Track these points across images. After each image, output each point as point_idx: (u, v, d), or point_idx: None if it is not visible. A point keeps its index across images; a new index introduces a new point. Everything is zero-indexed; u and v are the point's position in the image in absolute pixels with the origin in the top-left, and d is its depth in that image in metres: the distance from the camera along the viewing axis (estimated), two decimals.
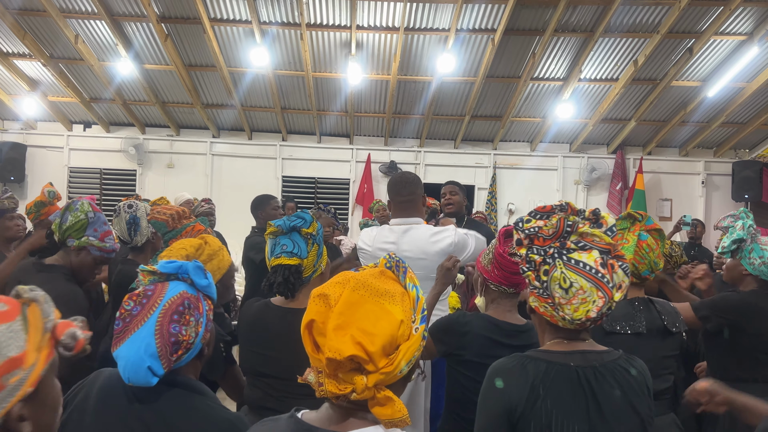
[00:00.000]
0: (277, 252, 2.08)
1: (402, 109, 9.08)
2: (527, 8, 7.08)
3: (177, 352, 1.40)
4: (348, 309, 1.02)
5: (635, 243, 2.25)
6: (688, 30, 7.36)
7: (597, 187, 9.83)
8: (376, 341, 0.98)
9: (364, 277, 1.07)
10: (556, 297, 1.45)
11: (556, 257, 1.46)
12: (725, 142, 9.63)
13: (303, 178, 9.70)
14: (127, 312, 1.42)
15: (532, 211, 1.57)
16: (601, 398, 1.45)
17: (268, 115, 9.32)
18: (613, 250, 1.48)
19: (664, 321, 2.23)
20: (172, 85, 8.61)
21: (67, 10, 7.27)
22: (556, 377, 1.46)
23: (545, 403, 1.44)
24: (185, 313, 1.43)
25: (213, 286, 1.55)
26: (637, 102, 8.71)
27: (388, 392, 1.00)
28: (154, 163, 9.59)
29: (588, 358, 1.50)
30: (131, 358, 1.36)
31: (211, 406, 1.46)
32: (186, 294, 1.46)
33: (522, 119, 9.24)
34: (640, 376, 1.52)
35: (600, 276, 1.43)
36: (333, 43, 7.77)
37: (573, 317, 1.44)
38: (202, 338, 1.47)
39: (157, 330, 1.38)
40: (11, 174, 9.01)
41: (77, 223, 2.61)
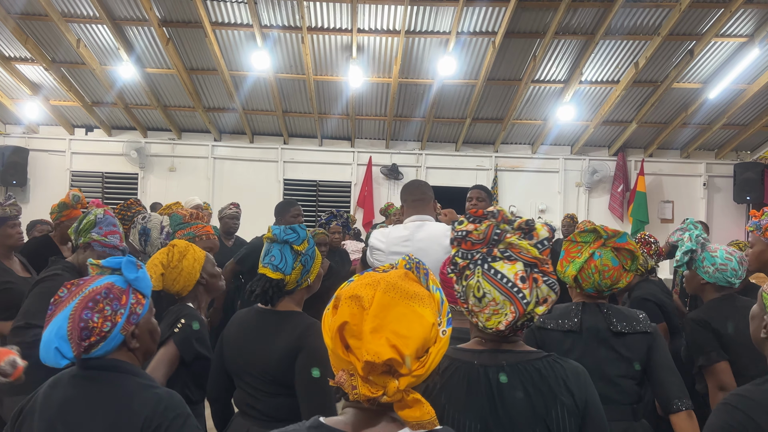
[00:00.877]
0: (265, 261, 2.12)
1: (403, 112, 9.09)
2: (528, 11, 7.09)
3: (88, 338, 1.45)
4: (382, 311, 1.01)
5: (585, 260, 2.22)
6: (689, 32, 7.37)
7: (598, 189, 9.83)
8: (410, 344, 0.98)
9: (392, 279, 1.06)
10: (470, 304, 1.47)
11: (478, 264, 1.46)
12: (727, 143, 9.63)
13: (304, 181, 9.71)
14: (59, 298, 1.51)
15: (467, 213, 1.57)
16: (500, 398, 1.43)
17: (270, 119, 9.34)
18: (540, 264, 1.46)
19: (609, 322, 2.19)
20: (173, 88, 8.63)
21: (69, 15, 7.30)
22: (455, 373, 1.47)
23: (439, 397, 1.44)
24: (101, 301, 1.48)
25: (144, 279, 1.59)
26: (638, 104, 8.72)
27: (416, 394, 1.00)
28: (155, 167, 9.60)
29: (497, 358, 1.48)
30: (45, 338, 1.46)
31: (141, 383, 1.52)
32: (110, 284, 1.52)
33: (523, 122, 9.25)
34: (559, 381, 1.45)
35: (515, 291, 1.42)
36: (334, 46, 7.79)
37: (485, 325, 1.45)
38: (122, 329, 1.50)
39: (71, 315, 1.45)
40: (13, 178, 9.03)
41: (87, 223, 2.87)
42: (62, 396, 1.49)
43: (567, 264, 2.27)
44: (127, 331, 1.52)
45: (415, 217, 2.96)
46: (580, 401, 1.45)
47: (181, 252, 2.39)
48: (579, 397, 1.45)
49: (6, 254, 3.44)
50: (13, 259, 3.48)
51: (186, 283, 2.36)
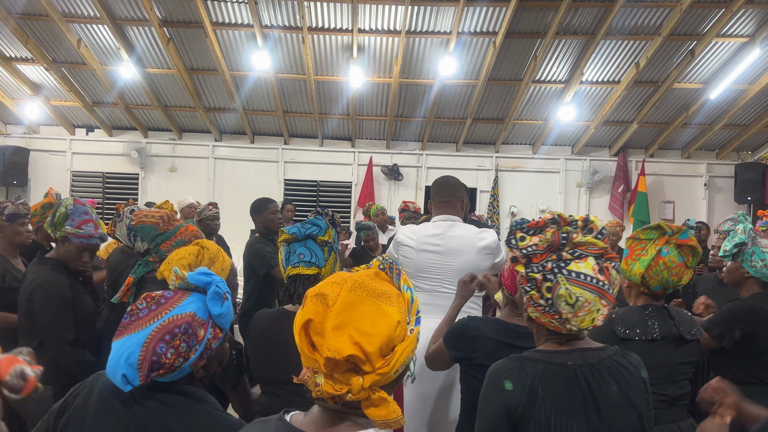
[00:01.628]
0: (294, 261, 2.08)
1: (404, 112, 9.09)
2: (529, 11, 7.09)
3: (157, 371, 1.37)
4: (346, 309, 1.01)
5: (652, 257, 2.22)
6: (690, 32, 7.35)
7: (599, 190, 9.82)
8: (373, 342, 0.98)
9: (360, 278, 1.07)
10: (563, 313, 1.47)
11: (556, 272, 1.47)
12: (728, 144, 9.62)
13: (305, 182, 9.71)
14: (137, 310, 1.43)
15: (523, 226, 1.57)
16: (599, 395, 1.46)
17: (270, 119, 9.34)
18: (606, 252, 1.50)
19: (678, 328, 2.23)
20: (174, 88, 8.63)
21: (70, 15, 7.30)
22: (555, 377, 1.48)
23: (544, 403, 1.45)
24: (178, 336, 1.38)
25: (228, 316, 1.49)
26: (639, 104, 8.71)
27: (382, 393, 0.99)
28: (156, 167, 9.60)
29: (585, 356, 1.51)
30: (114, 359, 1.37)
31: (211, 412, 1.45)
32: (192, 317, 1.42)
33: (524, 122, 9.24)
34: (636, 370, 1.54)
35: (601, 284, 1.46)
36: (335, 46, 7.79)
37: (580, 327, 1.47)
38: (193, 365, 1.42)
39: (145, 343, 1.37)
40: (14, 178, 9.03)
41: (59, 216, 2.82)
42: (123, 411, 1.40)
43: (633, 262, 2.27)
44: (197, 366, 1.45)
45: (444, 216, 2.97)
46: (648, 388, 1.56)
47: (211, 258, 2.22)
48: (647, 385, 1.56)
49: (13, 252, 3.45)
50: (17, 258, 3.49)
51: None
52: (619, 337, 2.22)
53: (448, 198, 2.99)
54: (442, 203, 3.00)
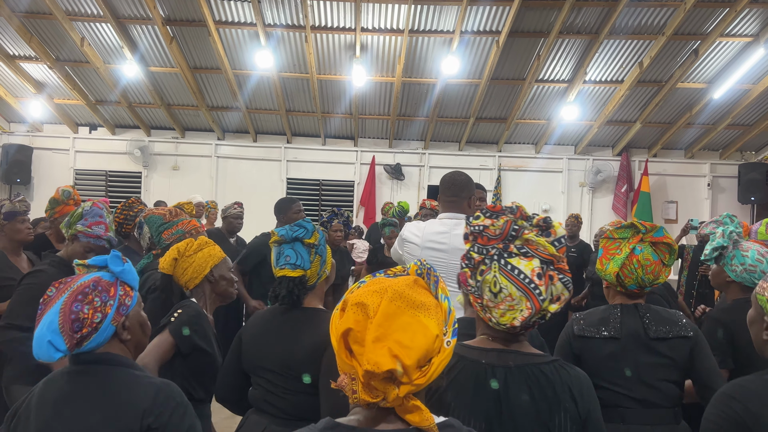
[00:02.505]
0: (281, 263, 2.12)
1: (406, 111, 9.08)
2: (532, 10, 7.08)
3: (80, 330, 1.46)
4: (386, 321, 1.01)
5: (626, 256, 2.19)
6: (694, 32, 7.34)
7: (602, 190, 9.81)
8: (412, 355, 0.99)
9: (400, 287, 1.06)
10: (485, 299, 1.45)
11: (494, 259, 1.46)
12: (731, 144, 9.59)
13: (308, 181, 9.71)
14: (48, 297, 1.52)
15: (483, 208, 1.57)
16: (504, 400, 1.42)
17: (273, 118, 9.34)
18: (557, 261, 1.46)
19: (645, 327, 2.17)
20: (177, 87, 8.63)
21: (73, 13, 7.31)
22: (463, 371, 1.46)
23: (446, 394, 1.44)
24: (90, 293, 1.49)
25: (129, 272, 1.61)
26: (642, 104, 8.69)
27: (416, 401, 1.01)
28: (159, 166, 9.62)
29: (504, 358, 1.47)
30: (37, 334, 1.46)
31: (135, 374, 1.54)
32: (97, 278, 1.54)
33: (527, 121, 9.23)
34: (564, 386, 1.44)
35: (532, 287, 1.42)
36: (337, 45, 7.78)
37: (499, 321, 1.44)
38: (113, 320, 1.52)
39: (61, 309, 1.47)
40: (17, 176, 9.06)
41: (75, 216, 2.92)
42: (57, 392, 1.49)
43: (607, 261, 2.25)
44: (117, 322, 1.54)
45: (450, 214, 2.95)
46: (583, 410, 1.45)
47: (199, 245, 2.42)
48: (582, 405, 1.45)
49: (15, 250, 3.46)
50: (21, 256, 3.50)
51: (194, 275, 2.36)
52: (575, 334, 2.21)
53: (453, 198, 2.98)
54: (448, 203, 2.99)
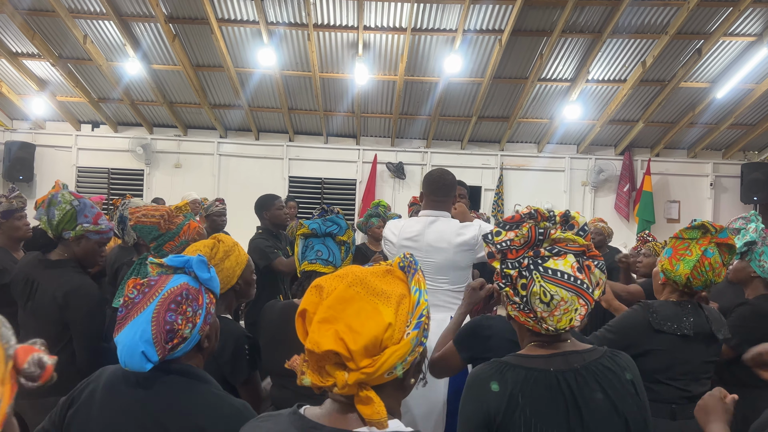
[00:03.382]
0: (311, 257, 2.10)
1: (409, 110, 9.08)
2: (535, 9, 7.06)
3: (172, 341, 1.42)
4: (339, 304, 1.01)
5: (698, 258, 2.19)
6: (697, 31, 7.32)
7: (604, 189, 9.79)
8: (358, 340, 0.97)
9: (364, 274, 1.06)
10: (538, 311, 1.41)
11: (532, 269, 1.42)
12: (734, 143, 9.57)
13: (310, 179, 9.71)
14: (130, 300, 1.46)
15: (500, 221, 1.54)
16: (582, 403, 1.41)
17: (275, 116, 9.34)
18: (587, 250, 1.45)
19: (711, 326, 2.23)
20: (179, 85, 8.64)
21: (76, 11, 7.31)
22: (536, 384, 1.42)
23: (524, 411, 1.40)
24: (183, 303, 1.45)
25: (215, 279, 1.57)
26: (645, 103, 8.67)
27: (370, 392, 0.99)
28: (161, 163, 9.62)
29: (569, 361, 1.46)
30: (127, 342, 1.40)
31: (216, 393, 1.48)
32: (186, 285, 1.48)
33: (529, 120, 9.22)
34: (622, 372, 1.47)
35: (579, 283, 1.40)
36: (340, 43, 7.78)
37: (557, 327, 1.42)
38: (200, 330, 1.48)
39: (153, 317, 1.41)
40: (20, 173, 9.07)
41: (66, 214, 2.65)
42: (128, 397, 1.43)
43: (677, 262, 2.25)
44: (204, 332, 1.51)
45: (429, 212, 2.96)
46: (639, 390, 1.48)
47: (226, 251, 2.20)
48: (640, 389, 1.48)
49: (14, 246, 3.45)
50: (19, 252, 3.49)
51: (221, 285, 2.12)
52: (653, 328, 2.21)
53: (444, 198, 2.97)
54: (436, 202, 2.97)
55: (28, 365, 0.83)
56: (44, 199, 2.76)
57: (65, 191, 2.70)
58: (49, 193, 2.80)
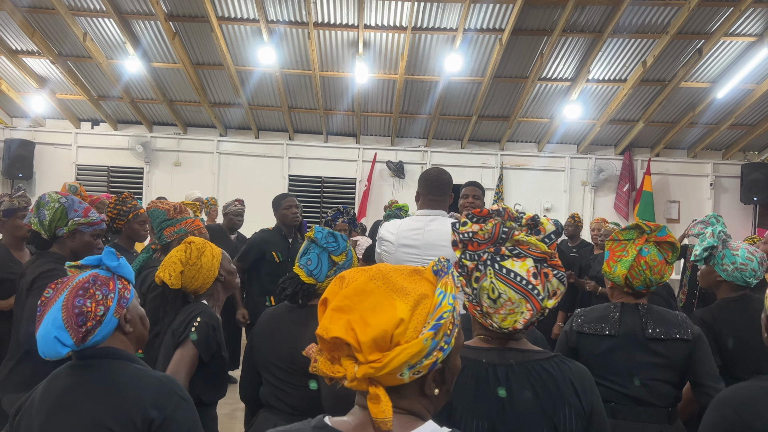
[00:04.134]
0: (301, 262, 2.16)
1: (409, 109, 9.07)
2: (535, 8, 7.06)
3: (85, 324, 1.48)
4: (356, 295, 1.00)
5: (634, 258, 2.21)
6: (698, 31, 7.31)
7: (604, 189, 9.79)
8: (368, 332, 0.96)
9: (388, 270, 1.05)
10: (484, 306, 1.44)
11: (488, 264, 1.43)
12: (734, 144, 9.57)
13: (309, 178, 9.70)
14: (46, 299, 1.53)
15: (469, 213, 1.54)
16: (508, 399, 1.41)
17: (275, 114, 9.33)
18: (549, 258, 1.46)
19: (644, 327, 2.19)
20: (179, 83, 8.63)
21: (76, 8, 7.30)
22: (463, 372, 1.42)
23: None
24: (90, 288, 1.52)
25: (124, 266, 1.62)
26: (645, 103, 8.67)
27: (379, 390, 0.97)
28: (161, 161, 9.62)
29: (505, 356, 1.46)
30: (42, 333, 1.49)
31: (138, 368, 1.55)
32: (95, 274, 1.56)
33: (529, 120, 9.21)
34: (566, 380, 1.44)
35: (530, 288, 1.41)
36: (340, 42, 7.77)
37: (501, 325, 1.43)
38: (116, 312, 1.54)
39: (63, 305, 1.49)
40: (19, 171, 9.06)
41: (56, 212, 2.76)
42: (62, 386, 1.51)
43: (614, 263, 2.26)
44: (120, 314, 1.56)
45: (427, 210, 2.95)
46: (587, 404, 1.45)
47: (199, 249, 2.35)
48: (585, 400, 1.45)
49: (17, 245, 3.45)
50: (24, 251, 3.49)
51: (205, 281, 2.33)
52: (574, 330, 2.26)
53: (442, 197, 2.98)
54: (434, 201, 2.96)
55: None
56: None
57: (52, 193, 2.82)
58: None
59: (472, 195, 4.02)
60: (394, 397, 1.00)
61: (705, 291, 4.55)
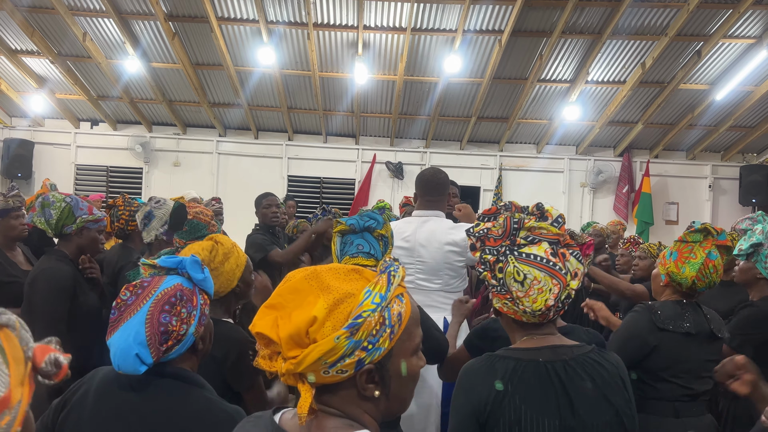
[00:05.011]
0: (353, 252, 2.12)
1: (408, 110, 9.08)
2: (535, 9, 7.06)
3: (167, 342, 1.41)
4: (288, 293, 1.01)
5: (702, 261, 2.25)
6: (697, 33, 7.32)
7: (603, 190, 9.79)
8: (285, 328, 0.97)
9: (324, 270, 1.04)
10: (513, 291, 1.49)
11: (507, 254, 1.50)
12: (733, 145, 9.58)
13: (309, 178, 9.70)
14: (123, 302, 1.44)
15: (479, 214, 1.63)
16: (572, 391, 1.44)
17: (275, 115, 9.34)
18: (562, 240, 1.52)
19: (710, 325, 2.29)
20: (179, 83, 8.63)
21: (76, 8, 7.30)
22: (524, 373, 1.47)
23: (513, 399, 1.44)
24: (177, 304, 1.44)
25: (209, 280, 1.56)
26: (644, 105, 8.68)
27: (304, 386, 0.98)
28: (160, 162, 9.61)
29: (558, 352, 1.51)
30: (121, 345, 1.38)
31: (209, 398, 1.47)
32: (180, 286, 1.47)
33: (528, 121, 9.22)
34: (613, 368, 1.51)
35: (551, 264, 1.47)
36: (340, 42, 7.78)
37: (533, 308, 1.47)
38: (195, 331, 1.47)
39: (147, 319, 1.40)
40: (18, 171, 9.06)
41: (63, 211, 2.88)
42: (122, 399, 1.43)
43: (683, 265, 2.30)
44: (198, 334, 1.49)
45: (423, 212, 2.97)
46: (627, 386, 1.52)
47: (225, 253, 2.14)
48: (628, 387, 1.52)
49: (9, 246, 3.42)
50: (16, 251, 3.47)
51: (220, 288, 2.10)
52: (657, 327, 2.27)
53: (439, 197, 2.99)
54: (431, 202, 2.98)
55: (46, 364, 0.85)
56: (31, 201, 3.00)
57: (55, 194, 2.94)
58: (35, 195, 2.99)
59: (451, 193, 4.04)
60: (327, 396, 1.02)
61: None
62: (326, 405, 1.02)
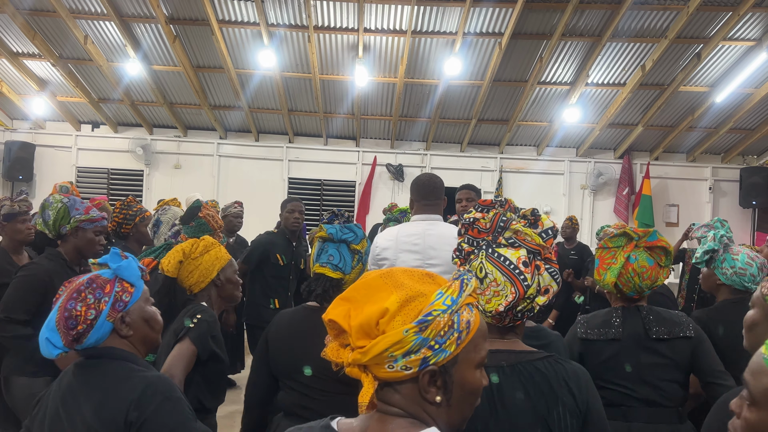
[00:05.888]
0: (323, 261, 2.13)
1: (408, 112, 9.09)
2: (535, 12, 7.08)
3: (75, 327, 1.52)
4: (363, 288, 1.04)
5: (621, 265, 2.23)
6: (697, 35, 7.34)
7: (603, 192, 9.80)
8: (357, 318, 0.99)
9: (400, 270, 1.07)
10: None
11: (483, 248, 1.50)
12: (733, 148, 9.59)
13: (309, 180, 9.71)
14: (58, 296, 1.59)
15: (476, 204, 1.63)
16: (498, 399, 1.42)
17: (275, 117, 9.35)
18: (543, 252, 1.49)
19: (646, 328, 2.23)
20: (179, 86, 8.65)
21: (77, 11, 7.32)
22: None
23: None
24: (83, 291, 1.55)
25: (127, 268, 1.64)
26: (644, 107, 8.69)
27: (367, 378, 0.99)
28: (161, 164, 9.63)
29: (497, 358, 1.46)
30: (41, 332, 1.55)
31: (131, 368, 1.57)
32: (95, 276, 1.60)
33: (529, 123, 9.23)
34: (560, 381, 1.44)
35: (517, 273, 1.44)
36: (340, 45, 7.79)
37: (485, 308, 1.46)
38: (108, 316, 1.56)
39: (59, 307, 1.54)
40: (20, 173, 9.07)
41: (59, 212, 2.93)
42: (65, 384, 1.58)
43: (604, 272, 2.29)
44: (113, 318, 1.57)
45: (424, 216, 2.97)
46: (582, 403, 1.44)
47: (205, 246, 2.38)
48: (580, 398, 1.44)
49: (16, 249, 3.46)
50: (22, 254, 3.50)
51: (200, 278, 2.33)
52: (579, 338, 2.29)
53: (436, 201, 3.01)
54: (428, 206, 3.00)
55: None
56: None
57: (55, 195, 2.99)
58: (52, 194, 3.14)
59: (466, 198, 4.06)
60: (388, 391, 1.01)
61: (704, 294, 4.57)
62: (388, 403, 1.02)
